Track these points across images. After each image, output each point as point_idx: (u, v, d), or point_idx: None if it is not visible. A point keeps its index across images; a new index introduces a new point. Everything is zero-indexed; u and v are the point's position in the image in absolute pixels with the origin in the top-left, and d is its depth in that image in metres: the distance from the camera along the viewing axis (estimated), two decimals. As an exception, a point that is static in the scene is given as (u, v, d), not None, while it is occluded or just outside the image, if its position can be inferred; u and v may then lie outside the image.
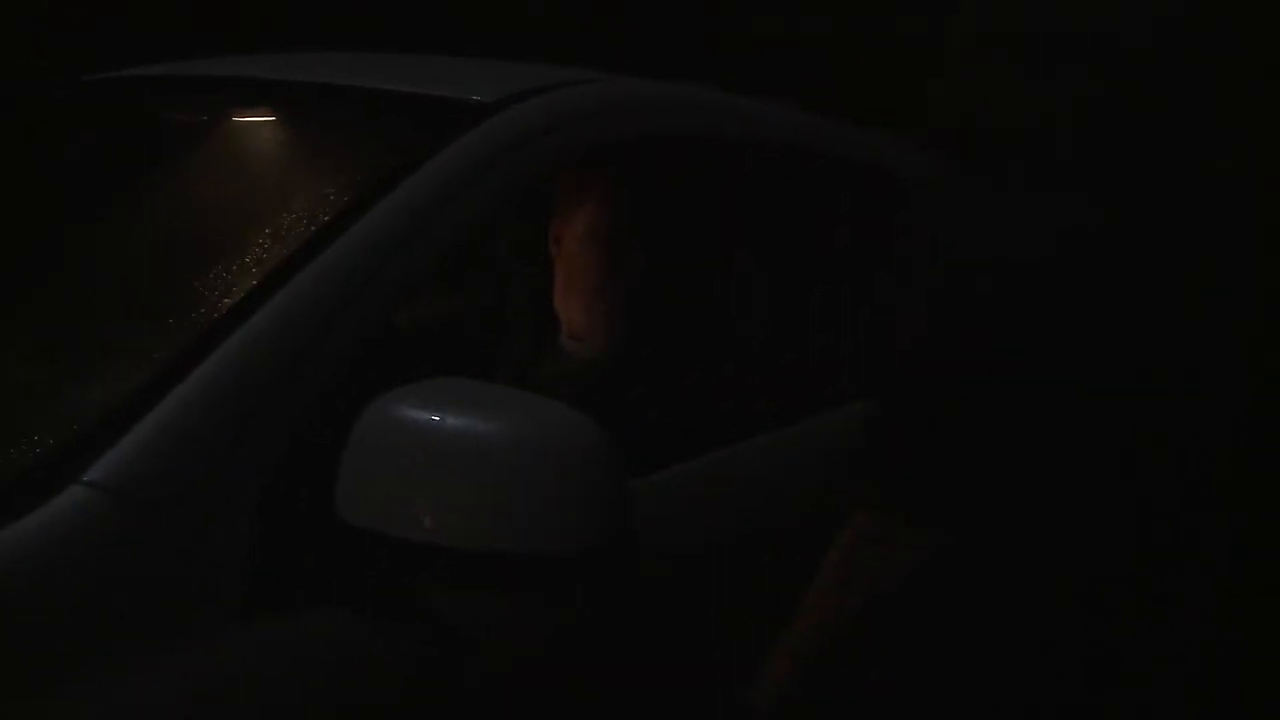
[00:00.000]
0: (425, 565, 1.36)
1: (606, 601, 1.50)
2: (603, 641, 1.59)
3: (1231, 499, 1.49)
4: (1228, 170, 1.48)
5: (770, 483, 2.03)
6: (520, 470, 1.30)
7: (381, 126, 1.89)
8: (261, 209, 1.67)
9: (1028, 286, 1.48)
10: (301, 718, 1.35)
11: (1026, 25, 1.52)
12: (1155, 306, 1.48)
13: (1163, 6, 1.50)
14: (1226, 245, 1.48)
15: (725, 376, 2.16)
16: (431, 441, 1.32)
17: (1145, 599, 1.49)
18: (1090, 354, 1.46)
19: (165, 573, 1.30)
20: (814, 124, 2.26)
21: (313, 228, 1.57)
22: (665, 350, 2.16)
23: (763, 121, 2.19)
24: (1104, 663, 1.48)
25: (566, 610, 1.46)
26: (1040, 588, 1.48)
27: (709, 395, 2.11)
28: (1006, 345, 1.48)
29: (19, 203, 1.85)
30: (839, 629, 1.56)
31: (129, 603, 1.28)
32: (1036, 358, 1.46)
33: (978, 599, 1.49)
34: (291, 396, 1.41)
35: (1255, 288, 1.48)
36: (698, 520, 1.89)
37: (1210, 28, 1.49)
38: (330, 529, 1.37)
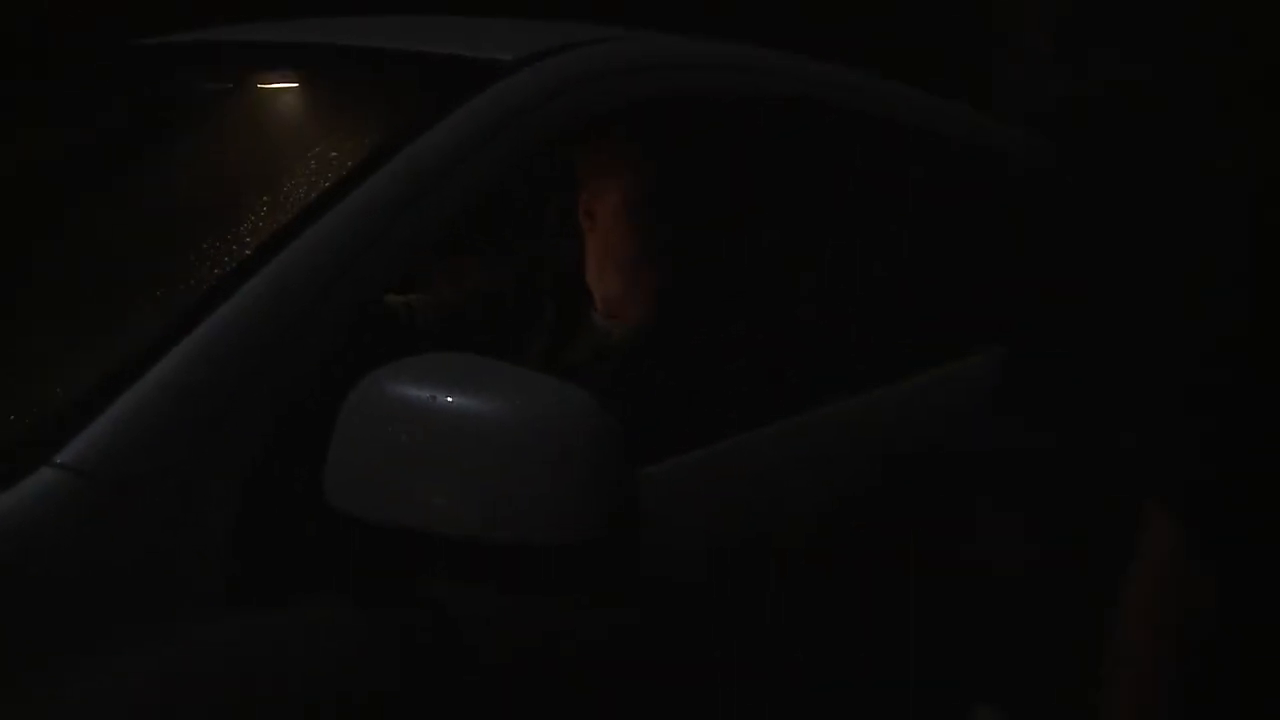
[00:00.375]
0: (417, 553, 1.27)
1: (616, 592, 1.40)
2: (612, 635, 1.50)
3: None
4: (1227, 170, 1.41)
5: (820, 463, 1.93)
6: (516, 453, 1.20)
7: (393, 88, 1.80)
8: (259, 176, 1.60)
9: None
10: (288, 710, 1.26)
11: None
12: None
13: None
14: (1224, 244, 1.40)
15: (770, 353, 2.05)
16: (422, 421, 1.23)
17: None
18: None
19: (143, 559, 1.23)
20: (863, 83, 2.13)
21: (312, 194, 1.49)
22: (707, 326, 2.06)
23: (806, 79, 2.07)
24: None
25: (569, 601, 1.36)
26: None
27: (753, 373, 2.01)
28: None
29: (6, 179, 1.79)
30: (1178, 666, 1.39)
31: (105, 589, 1.21)
32: None
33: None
34: (281, 371, 1.33)
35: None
36: (735, 503, 1.79)
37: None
38: (320, 513, 1.29)
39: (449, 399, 1.22)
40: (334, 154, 1.59)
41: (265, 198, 1.52)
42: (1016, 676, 1.53)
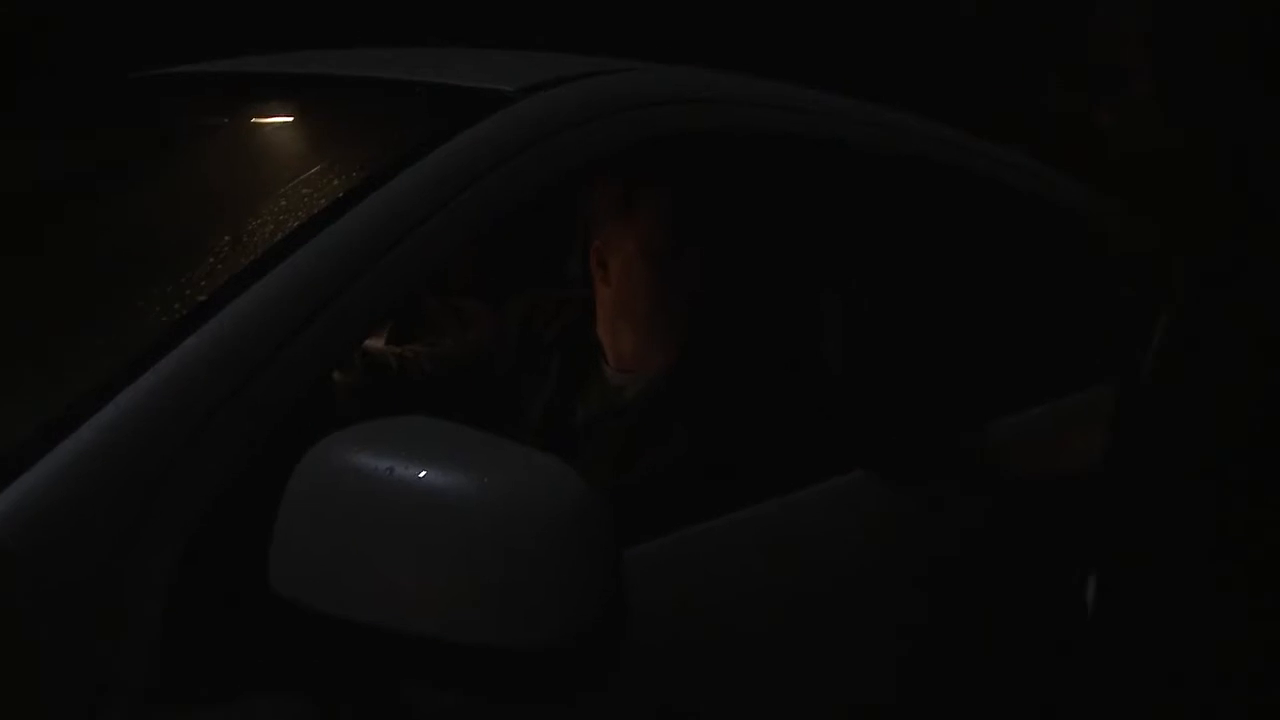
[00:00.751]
0: (377, 649, 1.10)
1: (600, 703, 1.22)
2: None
3: None
4: None
5: (857, 532, 1.75)
6: (482, 538, 1.03)
7: (393, 119, 1.65)
8: (227, 214, 1.44)
9: None
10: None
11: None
12: None
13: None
14: None
15: (799, 411, 1.88)
16: (376, 497, 1.06)
17: None
18: None
19: (57, 650, 1.06)
20: (899, 123, 1.97)
21: (276, 235, 1.33)
22: (730, 382, 1.89)
23: (836, 118, 1.91)
24: None
25: (546, 712, 1.19)
26: None
27: (781, 433, 1.84)
28: None
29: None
30: None
31: (11, 683, 1.04)
32: None
33: None
34: (227, 435, 1.16)
35: None
36: (759, 580, 1.62)
37: None
38: (266, 601, 1.12)
39: (407, 471, 1.05)
40: (308, 191, 1.43)
41: (228, 239, 1.36)
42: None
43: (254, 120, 1.77)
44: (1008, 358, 2.04)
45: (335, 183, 1.43)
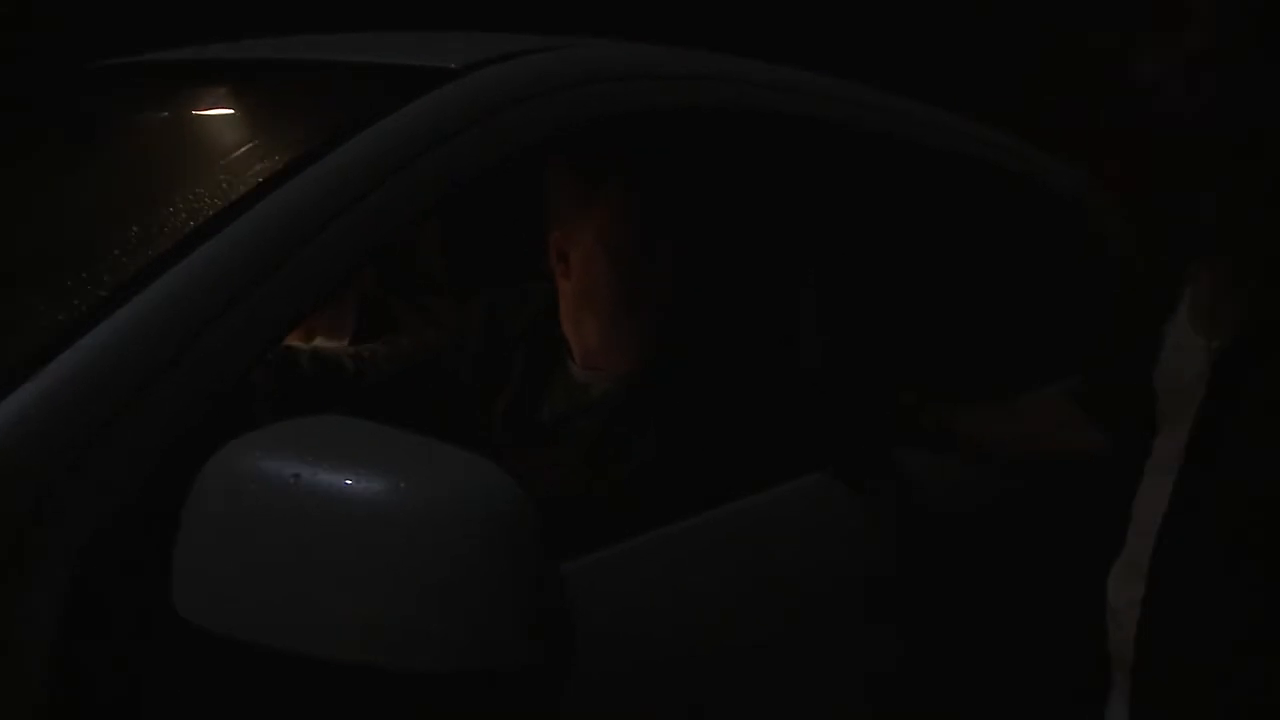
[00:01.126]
0: (290, 677, 1.00)
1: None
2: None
3: None
4: None
5: (827, 534, 1.67)
6: (402, 549, 0.92)
7: (331, 100, 1.56)
8: (157, 198, 1.33)
9: None
10: None
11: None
12: None
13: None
14: None
15: (773, 408, 1.78)
16: (285, 506, 0.95)
17: None
18: None
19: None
20: (869, 99, 1.86)
21: (191, 222, 1.23)
22: (700, 379, 1.79)
23: (805, 95, 1.80)
24: None
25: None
26: None
27: (754, 432, 1.74)
28: None
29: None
30: None
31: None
32: None
33: None
34: (129, 437, 1.06)
35: None
36: (733, 578, 1.52)
37: None
38: (168, 624, 1.02)
39: (316, 477, 0.94)
40: (231, 176, 1.33)
41: (140, 227, 1.26)
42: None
43: (193, 107, 1.68)
44: (991, 347, 1.94)
45: (264, 165, 1.33)
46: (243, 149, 1.40)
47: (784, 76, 1.79)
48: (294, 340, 2.15)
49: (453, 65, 1.49)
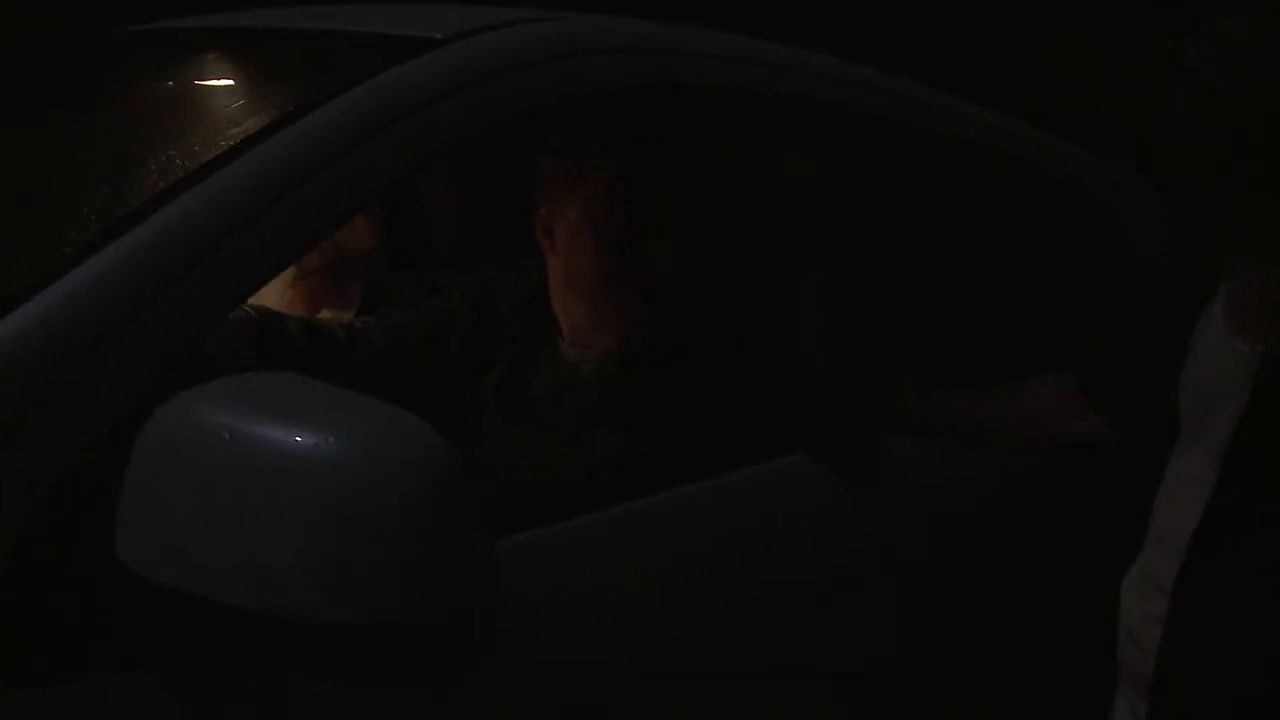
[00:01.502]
0: (230, 628, 1.02)
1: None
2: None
3: None
4: None
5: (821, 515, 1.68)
6: (327, 502, 0.94)
7: (320, 68, 1.57)
8: (126, 168, 1.36)
9: None
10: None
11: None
12: None
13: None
14: None
15: (760, 385, 1.79)
16: (217, 458, 0.97)
17: None
18: None
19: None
20: (862, 78, 1.86)
21: (161, 184, 1.26)
22: (687, 356, 1.80)
23: (797, 73, 1.80)
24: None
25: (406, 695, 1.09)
26: None
27: (741, 409, 1.75)
28: None
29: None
30: None
31: None
32: None
33: None
34: (84, 393, 1.09)
35: None
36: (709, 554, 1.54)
37: None
38: (114, 572, 1.04)
39: (250, 430, 0.97)
40: (219, 137, 1.35)
41: (112, 189, 1.29)
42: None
43: (186, 74, 1.71)
44: (994, 333, 1.94)
45: (241, 130, 1.35)
46: (225, 114, 1.43)
47: (779, 54, 1.80)
48: (295, 310, 2.18)
49: (438, 35, 1.51)
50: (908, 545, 1.76)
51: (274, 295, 2.32)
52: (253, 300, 2.05)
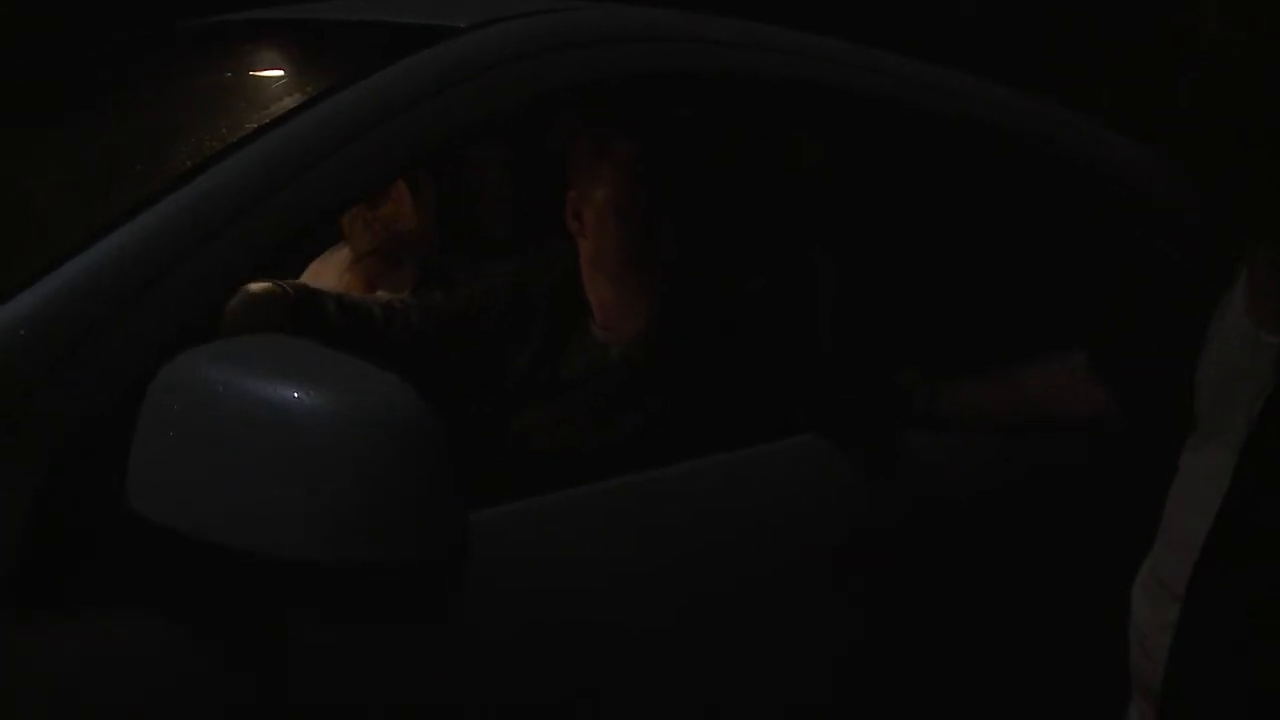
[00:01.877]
0: (226, 567, 1.12)
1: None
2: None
3: None
4: None
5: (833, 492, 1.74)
6: (305, 452, 1.04)
7: (350, 56, 1.68)
8: (153, 152, 1.48)
9: None
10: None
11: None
12: None
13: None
14: None
15: (779, 368, 1.86)
16: (215, 411, 1.08)
17: None
18: None
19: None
20: (879, 63, 1.91)
21: (187, 162, 1.37)
22: (710, 341, 1.88)
23: (814, 59, 1.86)
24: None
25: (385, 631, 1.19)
26: None
27: (761, 392, 1.82)
28: None
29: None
30: None
31: None
32: None
33: None
34: (106, 354, 1.20)
35: None
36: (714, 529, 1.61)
37: None
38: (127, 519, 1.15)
39: (244, 385, 1.07)
40: (243, 121, 1.46)
41: (145, 167, 1.41)
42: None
43: (223, 64, 1.82)
44: (996, 316, 1.97)
45: (269, 113, 1.46)
46: (255, 100, 1.53)
47: (791, 40, 1.86)
48: (351, 288, 2.29)
49: (461, 24, 1.60)
50: (913, 530, 1.80)
51: (332, 277, 2.44)
52: (314, 283, 2.19)
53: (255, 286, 1.74)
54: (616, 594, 1.51)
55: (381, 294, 2.25)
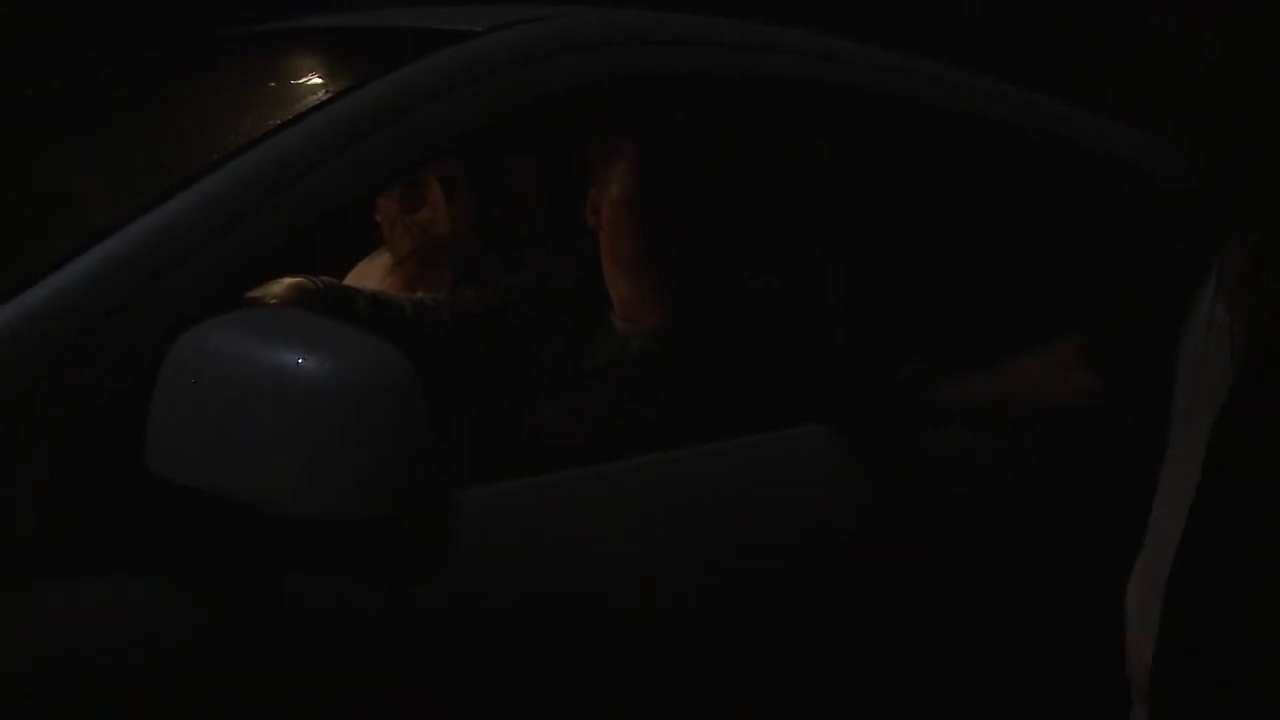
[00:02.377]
0: (238, 524, 1.23)
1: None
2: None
3: None
4: None
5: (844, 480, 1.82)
6: (302, 412, 1.15)
7: (371, 59, 1.79)
8: (172, 150, 1.60)
9: None
10: (94, 696, 1.24)
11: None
12: None
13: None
14: None
15: (791, 360, 1.94)
16: (221, 376, 1.19)
17: None
18: None
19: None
20: (884, 62, 2.00)
21: (211, 156, 1.49)
22: (723, 334, 1.97)
23: (816, 59, 1.95)
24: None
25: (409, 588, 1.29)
26: None
27: (774, 385, 1.90)
28: None
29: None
30: None
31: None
32: None
33: None
34: (126, 333, 1.31)
35: None
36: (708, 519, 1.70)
37: None
38: (145, 481, 1.26)
39: (249, 352, 1.18)
40: (258, 119, 1.58)
41: (157, 164, 1.53)
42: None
43: (254, 65, 1.95)
44: (1002, 309, 2.04)
45: (283, 110, 1.57)
46: (272, 100, 1.65)
47: (800, 40, 1.95)
48: (392, 290, 2.40)
49: (478, 29, 1.71)
50: (919, 519, 1.87)
51: (374, 282, 2.56)
52: (355, 285, 2.31)
53: (284, 280, 1.86)
54: (620, 573, 1.60)
55: (418, 294, 2.36)
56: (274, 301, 1.82)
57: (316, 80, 1.68)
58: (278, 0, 2.36)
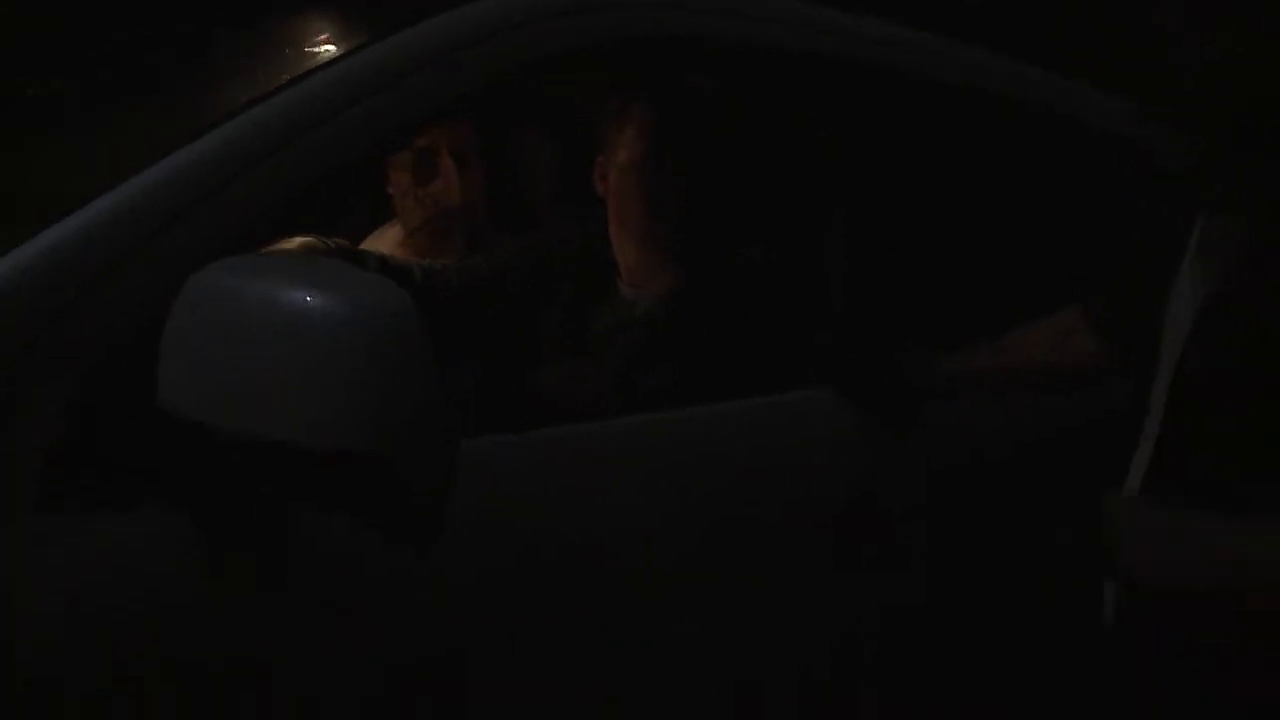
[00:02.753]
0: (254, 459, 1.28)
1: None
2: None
3: None
4: None
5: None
6: (312, 348, 1.19)
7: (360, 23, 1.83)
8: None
9: None
10: (100, 624, 1.29)
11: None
12: None
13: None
14: None
15: (796, 325, 1.98)
16: (229, 314, 1.23)
17: None
18: None
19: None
20: (885, 33, 2.03)
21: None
22: (730, 299, 2.01)
23: (821, 30, 1.98)
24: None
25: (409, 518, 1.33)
26: None
27: (780, 349, 1.94)
28: None
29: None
30: None
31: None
32: None
33: None
34: (135, 281, 1.36)
35: None
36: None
37: None
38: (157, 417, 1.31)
39: (255, 291, 1.22)
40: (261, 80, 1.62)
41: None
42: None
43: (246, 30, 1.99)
44: (1000, 276, 2.07)
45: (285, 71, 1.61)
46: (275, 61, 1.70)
47: (809, 10, 1.99)
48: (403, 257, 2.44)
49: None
50: (911, 484, 1.91)
51: (386, 252, 2.60)
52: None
53: (295, 240, 1.91)
54: (621, 527, 1.64)
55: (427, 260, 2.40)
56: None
57: (324, 40, 1.72)
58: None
